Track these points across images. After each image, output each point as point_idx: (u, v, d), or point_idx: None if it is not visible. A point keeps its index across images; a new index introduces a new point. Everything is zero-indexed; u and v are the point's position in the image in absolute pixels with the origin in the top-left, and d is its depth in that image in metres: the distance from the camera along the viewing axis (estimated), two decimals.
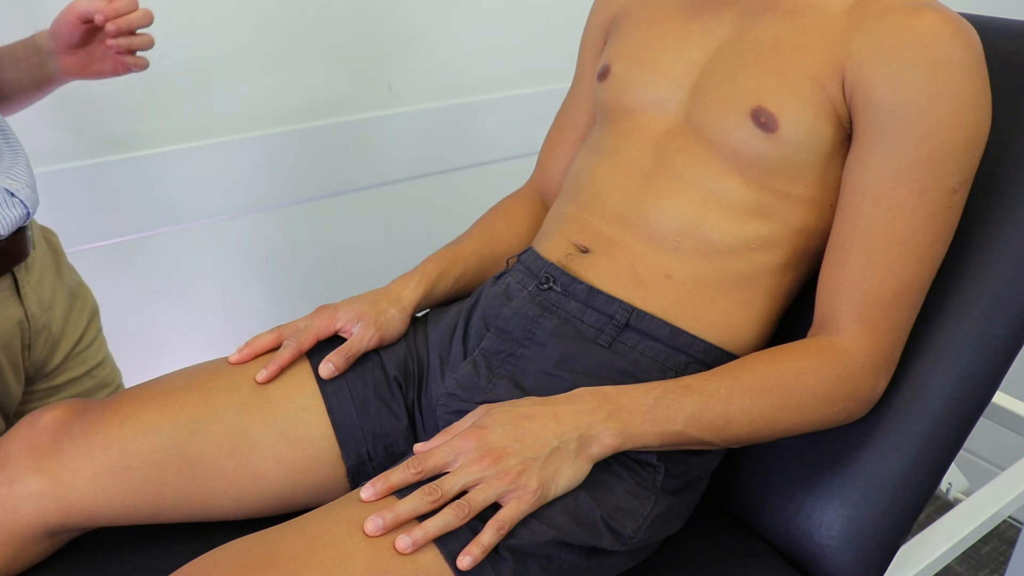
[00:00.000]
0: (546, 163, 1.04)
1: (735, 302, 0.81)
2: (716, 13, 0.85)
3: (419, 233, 1.37)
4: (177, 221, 1.37)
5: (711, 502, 0.90)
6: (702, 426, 0.72)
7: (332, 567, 0.63)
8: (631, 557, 0.76)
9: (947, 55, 0.70)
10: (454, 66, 1.55)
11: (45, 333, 0.95)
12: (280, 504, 0.81)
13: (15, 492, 0.74)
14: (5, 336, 0.89)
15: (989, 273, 0.78)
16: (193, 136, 1.34)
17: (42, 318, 0.94)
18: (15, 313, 0.90)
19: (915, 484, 0.78)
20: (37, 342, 0.94)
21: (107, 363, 1.08)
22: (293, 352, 0.83)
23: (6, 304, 0.89)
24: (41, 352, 0.96)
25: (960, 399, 0.78)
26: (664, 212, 0.81)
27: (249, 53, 1.34)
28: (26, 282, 0.91)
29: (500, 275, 0.91)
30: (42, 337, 0.95)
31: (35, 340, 0.94)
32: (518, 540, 0.67)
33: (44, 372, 0.98)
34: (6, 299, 0.89)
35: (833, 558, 0.79)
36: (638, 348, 0.80)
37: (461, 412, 0.79)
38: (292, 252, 1.53)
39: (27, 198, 0.87)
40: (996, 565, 1.66)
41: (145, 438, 0.76)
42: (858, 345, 0.74)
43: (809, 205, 0.79)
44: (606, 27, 0.98)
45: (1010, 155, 0.80)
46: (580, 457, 0.70)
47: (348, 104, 1.47)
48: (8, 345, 0.90)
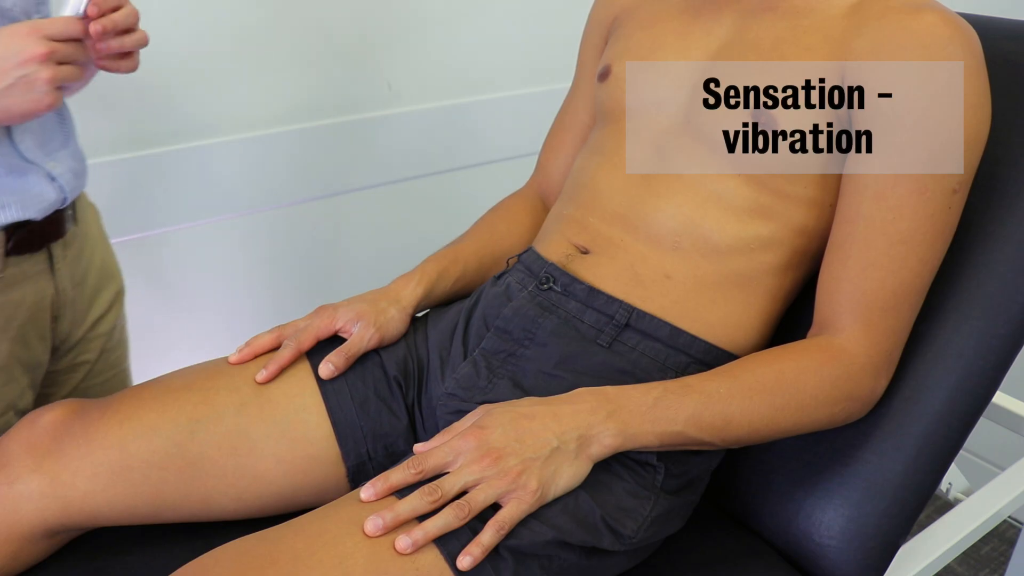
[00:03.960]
0: (546, 163, 1.04)
1: (735, 302, 0.81)
2: (716, 14, 0.85)
3: (419, 233, 1.37)
4: (177, 221, 1.37)
5: (711, 502, 0.90)
6: (702, 426, 0.72)
7: (332, 567, 0.63)
8: (631, 557, 0.76)
9: (947, 55, 0.70)
10: (454, 66, 1.55)
11: (73, 307, 0.98)
12: (280, 504, 0.81)
13: (15, 492, 0.74)
14: (35, 308, 0.92)
15: (989, 273, 0.78)
16: (193, 136, 1.34)
17: (72, 292, 0.97)
18: (47, 287, 0.93)
19: (915, 484, 0.78)
20: (65, 315, 0.97)
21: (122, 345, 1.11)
22: (293, 352, 0.83)
23: (39, 278, 0.92)
24: (68, 325, 0.98)
25: (960, 399, 0.78)
26: (664, 212, 0.81)
27: (249, 53, 1.34)
28: (61, 258, 0.94)
29: (500, 275, 0.91)
30: (70, 310, 0.98)
31: (63, 313, 0.97)
32: (518, 540, 0.67)
33: (69, 344, 1.00)
34: (39, 273, 0.92)
35: (833, 558, 0.79)
36: (638, 348, 0.80)
37: (461, 412, 0.79)
38: (292, 252, 1.53)
39: (67, 183, 0.90)
40: (996, 565, 1.66)
41: (145, 438, 0.77)
42: (858, 345, 0.74)
43: (809, 205, 0.79)
44: (606, 28, 0.98)
45: (1010, 155, 0.80)
46: (580, 457, 0.70)
47: (348, 104, 1.47)
48: (37, 316, 0.93)
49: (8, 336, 0.89)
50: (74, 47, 0.78)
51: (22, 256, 0.89)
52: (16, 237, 0.87)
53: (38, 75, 0.75)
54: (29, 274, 0.90)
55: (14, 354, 0.91)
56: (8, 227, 0.86)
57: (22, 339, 0.91)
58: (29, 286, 0.91)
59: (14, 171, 0.85)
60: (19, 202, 0.85)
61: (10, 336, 0.90)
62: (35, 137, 0.88)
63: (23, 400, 0.94)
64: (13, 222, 0.86)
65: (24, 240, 0.88)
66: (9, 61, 0.74)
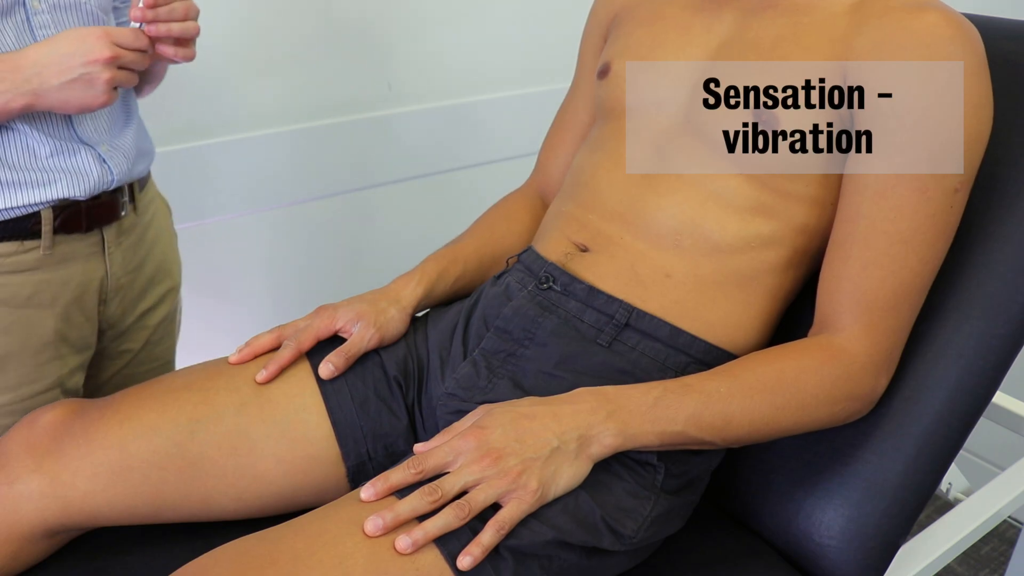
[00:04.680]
0: (546, 162, 1.04)
1: (735, 302, 0.81)
2: (717, 12, 0.85)
3: (419, 233, 1.37)
4: (176, 221, 1.37)
5: (711, 502, 0.90)
6: (702, 426, 0.72)
7: (332, 567, 0.63)
8: (631, 557, 0.76)
9: (948, 54, 0.70)
10: (454, 66, 1.55)
11: (123, 293, 1.01)
12: (280, 504, 0.81)
13: (15, 492, 0.74)
14: (82, 288, 0.95)
15: (989, 273, 0.78)
16: (192, 136, 1.34)
17: (123, 279, 1.00)
18: (96, 268, 0.96)
19: (915, 484, 0.78)
20: (113, 300, 1.00)
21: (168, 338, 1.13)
22: (293, 352, 0.83)
23: (89, 259, 0.95)
24: (116, 310, 1.01)
25: (960, 399, 0.78)
26: (664, 211, 0.81)
27: (249, 54, 1.35)
28: (115, 243, 0.97)
29: (500, 275, 0.91)
30: (119, 296, 1.00)
31: (112, 297, 0.99)
32: (518, 540, 0.67)
33: (117, 330, 1.03)
34: (90, 255, 0.95)
35: (833, 558, 0.79)
36: (638, 348, 0.80)
37: (461, 412, 0.79)
38: (292, 252, 1.53)
39: (117, 166, 0.93)
40: (996, 565, 1.66)
41: (145, 438, 0.77)
42: (859, 345, 0.74)
43: (810, 204, 0.79)
44: (607, 26, 0.98)
45: (1010, 155, 0.80)
46: (580, 457, 0.70)
47: (348, 104, 1.47)
48: (84, 297, 0.95)
49: (54, 312, 0.92)
50: (136, 56, 0.86)
51: (70, 235, 0.92)
52: (63, 215, 0.90)
53: (100, 75, 0.82)
54: (78, 254, 0.93)
55: (60, 332, 0.94)
56: (56, 205, 0.89)
57: (68, 318, 0.94)
58: (77, 266, 0.93)
59: (66, 151, 0.89)
60: (66, 180, 0.89)
61: (56, 312, 0.93)
62: (94, 120, 0.92)
63: (72, 380, 0.97)
64: (59, 199, 0.89)
65: (71, 219, 0.91)
66: (76, 59, 0.82)
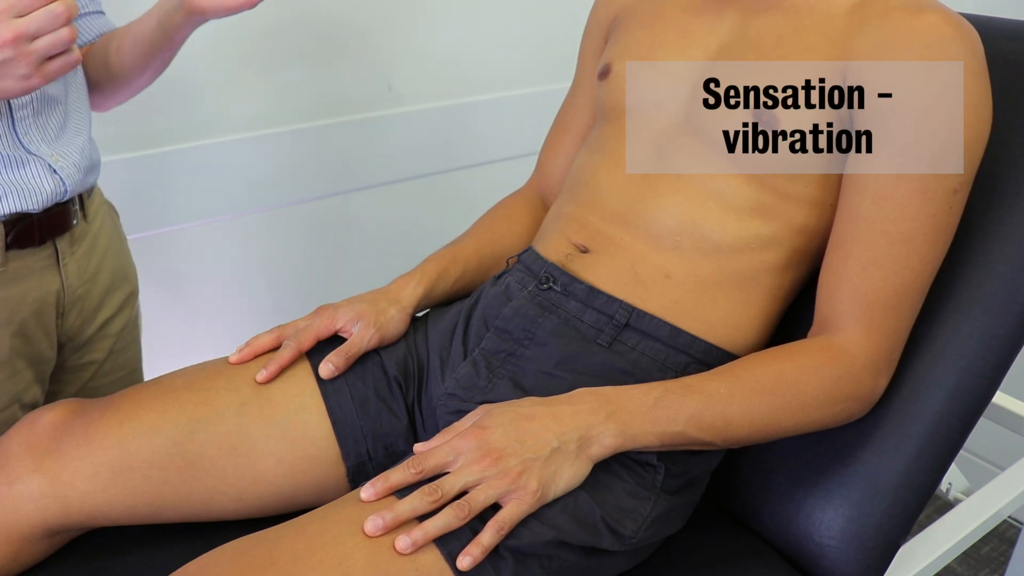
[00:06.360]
0: (546, 163, 1.04)
1: (735, 302, 0.81)
2: (718, 12, 0.85)
3: (419, 233, 1.37)
4: (177, 221, 1.37)
5: (711, 502, 0.90)
6: (702, 426, 0.72)
7: (332, 567, 0.63)
8: (631, 557, 0.76)
9: (948, 55, 0.70)
10: (454, 66, 1.55)
11: (81, 304, 0.98)
12: (280, 504, 0.81)
13: (15, 492, 0.74)
14: (38, 303, 0.92)
15: (989, 273, 0.78)
16: (192, 136, 1.34)
17: (80, 290, 0.97)
18: (51, 281, 0.93)
19: (915, 484, 0.78)
20: (71, 311, 0.97)
21: (133, 346, 1.10)
22: (293, 352, 0.83)
23: (44, 273, 0.92)
24: (75, 322, 0.98)
25: (960, 399, 0.78)
26: (664, 211, 0.81)
27: (249, 53, 1.34)
28: (69, 254, 0.94)
29: (500, 275, 0.91)
30: (77, 308, 0.98)
31: (69, 310, 0.97)
32: (518, 540, 0.67)
33: (77, 343, 1.01)
34: (44, 268, 0.92)
35: (833, 558, 0.79)
36: (638, 348, 0.80)
37: (461, 412, 0.79)
38: (292, 252, 1.53)
39: (69, 176, 0.90)
40: (996, 565, 1.66)
41: (145, 438, 0.77)
42: (859, 345, 0.74)
43: (810, 204, 0.79)
44: (607, 26, 0.98)
45: (1010, 155, 0.80)
46: (580, 457, 0.70)
47: (348, 104, 1.47)
48: (41, 311, 0.93)
49: (9, 331, 0.90)
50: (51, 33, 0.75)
51: (24, 250, 0.89)
52: (16, 230, 0.87)
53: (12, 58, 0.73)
54: (33, 269, 0.90)
55: (16, 349, 0.91)
56: (7, 220, 0.86)
57: (24, 334, 0.91)
58: (33, 281, 0.91)
59: (14, 162, 0.86)
60: (17, 193, 0.86)
61: (11, 331, 0.90)
62: (40, 130, 0.88)
63: (29, 394, 0.95)
64: (11, 213, 0.86)
65: (24, 233, 0.88)
66: None
